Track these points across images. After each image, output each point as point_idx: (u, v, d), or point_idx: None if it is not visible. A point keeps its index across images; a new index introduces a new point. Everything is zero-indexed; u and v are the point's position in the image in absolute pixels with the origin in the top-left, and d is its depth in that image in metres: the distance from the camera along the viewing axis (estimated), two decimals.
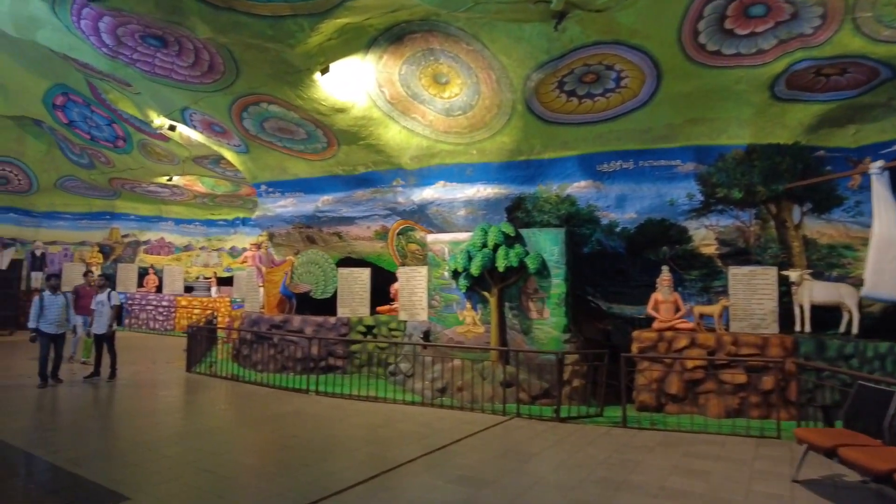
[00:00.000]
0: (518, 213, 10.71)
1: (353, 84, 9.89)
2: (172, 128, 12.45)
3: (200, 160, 15.99)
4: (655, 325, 9.16)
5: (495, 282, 9.86)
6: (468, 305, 10.26)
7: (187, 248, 22.87)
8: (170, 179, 18.20)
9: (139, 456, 5.88)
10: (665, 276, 9.38)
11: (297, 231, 13.89)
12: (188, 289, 21.65)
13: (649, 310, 9.31)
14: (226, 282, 22.00)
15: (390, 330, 11.61)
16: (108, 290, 10.69)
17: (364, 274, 12.23)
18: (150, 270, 21.43)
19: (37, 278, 19.59)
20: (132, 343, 15.52)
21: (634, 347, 9.01)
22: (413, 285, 11.23)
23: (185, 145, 14.36)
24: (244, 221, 22.90)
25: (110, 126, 16.07)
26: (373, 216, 12.79)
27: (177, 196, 20.86)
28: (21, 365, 11.48)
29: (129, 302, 20.61)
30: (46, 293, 9.57)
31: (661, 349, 8.88)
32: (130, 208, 22.27)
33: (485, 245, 9.84)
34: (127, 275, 21.31)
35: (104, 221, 22.28)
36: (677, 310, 9.18)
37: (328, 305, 12.81)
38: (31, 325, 9.48)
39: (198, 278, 21.98)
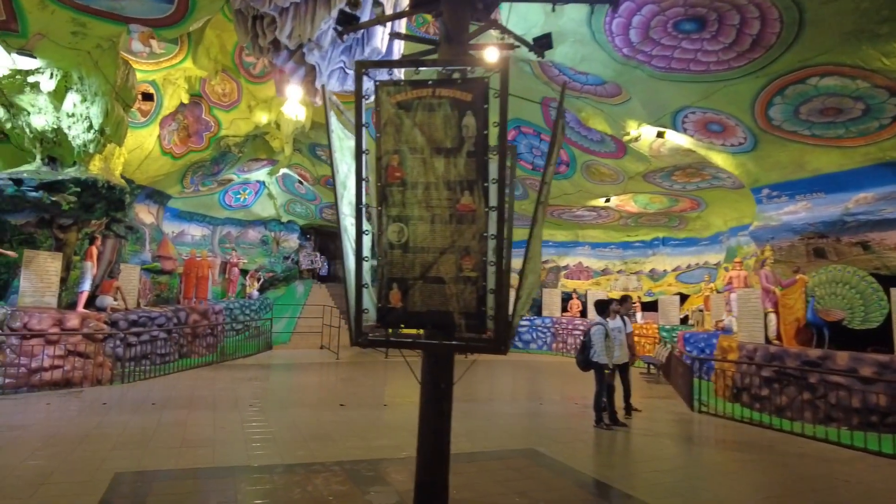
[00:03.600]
0: None
1: None
2: (661, 134, 11.25)
3: (652, 175, 14.67)
4: None
5: None
6: None
7: (604, 271, 22.19)
8: (607, 200, 17.51)
9: None
10: None
11: (804, 243, 11.10)
12: None
13: None
14: (649, 307, 20.45)
15: None
16: (622, 315, 9.66)
17: None
18: (574, 295, 21.30)
19: None
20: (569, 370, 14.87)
21: None
22: None
23: (651, 156, 13.12)
24: (664, 241, 21.11)
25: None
26: None
27: (600, 219, 20.29)
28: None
29: (556, 326, 20.75)
30: (608, 320, 8.85)
31: None
32: (548, 235, 22.73)
33: None
34: (552, 299, 21.62)
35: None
36: None
37: (866, 338, 9.65)
38: (598, 359, 8.63)
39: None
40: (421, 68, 3.84)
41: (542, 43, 4.93)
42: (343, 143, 4.45)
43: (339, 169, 4.23)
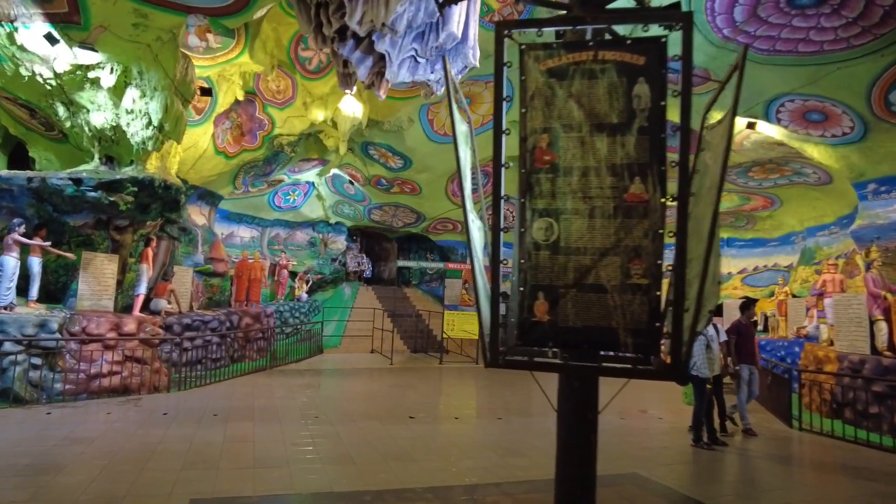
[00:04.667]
0: None
1: None
2: (752, 125, 10.30)
3: (727, 171, 13.65)
4: None
5: None
6: None
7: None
8: (674, 200, 16.47)
9: None
10: None
11: None
12: None
13: None
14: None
15: None
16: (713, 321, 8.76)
17: None
18: None
19: None
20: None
21: None
22: None
23: (732, 150, 12.14)
24: (728, 242, 19.93)
25: None
26: None
27: None
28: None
29: None
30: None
31: None
32: None
33: None
34: None
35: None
36: None
37: None
38: (699, 372, 7.74)
39: None
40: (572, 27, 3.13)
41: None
42: (458, 129, 3.78)
43: (459, 158, 3.56)
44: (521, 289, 3.08)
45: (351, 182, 19.34)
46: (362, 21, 6.85)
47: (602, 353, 3.17)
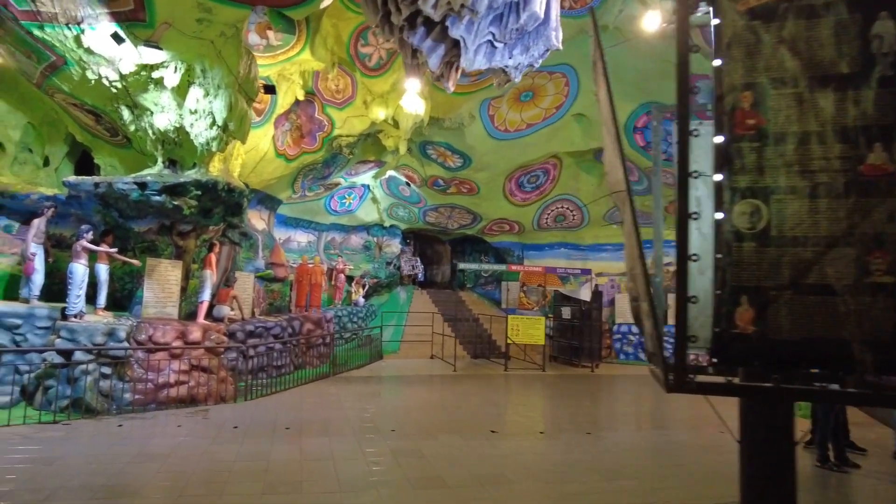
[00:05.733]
0: None
1: None
2: None
3: None
4: None
5: None
6: None
7: None
8: None
9: None
10: None
11: None
12: None
13: None
14: None
15: None
16: None
17: None
18: None
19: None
20: None
21: None
22: None
23: None
24: None
25: None
26: None
27: None
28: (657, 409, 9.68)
29: None
30: None
31: None
32: (673, 234, 20.64)
33: None
34: None
35: (646, 251, 21.23)
36: None
37: None
38: None
39: None
40: None
41: None
42: (602, 95, 3.12)
43: (610, 119, 2.91)
44: (718, 292, 2.40)
45: (408, 184, 18.90)
46: (437, 4, 6.29)
47: (812, 370, 2.47)
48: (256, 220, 14.55)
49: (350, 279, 19.42)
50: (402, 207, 20.95)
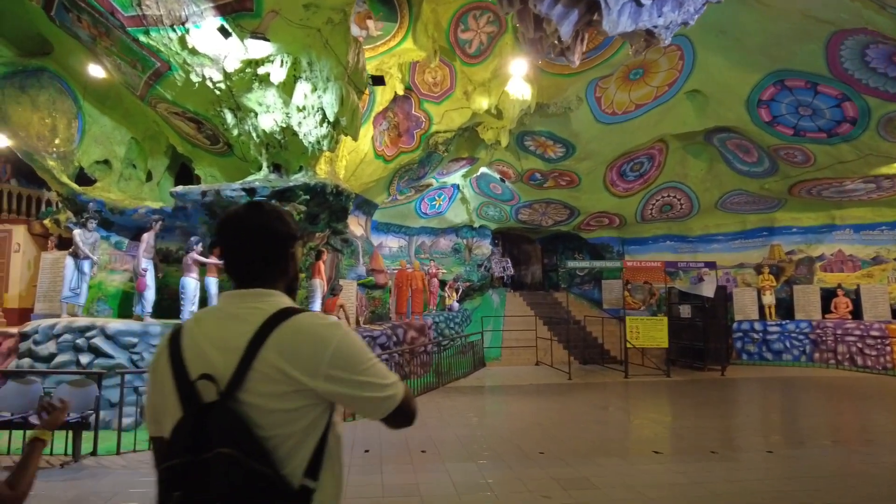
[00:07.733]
0: None
1: None
2: None
3: None
4: None
5: None
6: None
7: (876, 259, 17.55)
8: None
9: None
10: None
11: None
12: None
13: None
14: None
15: None
16: None
17: None
18: (839, 292, 17.02)
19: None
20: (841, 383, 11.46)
21: None
22: None
23: None
24: None
25: (837, 108, 12.47)
26: None
27: (876, 192, 15.91)
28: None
29: (818, 331, 16.69)
30: None
31: None
32: (791, 220, 18.61)
33: None
34: (806, 298, 17.51)
35: (761, 239, 19.33)
36: None
37: None
38: None
39: None
40: None
41: None
42: None
43: None
44: None
45: (502, 180, 17.92)
46: None
47: None
48: (354, 225, 13.99)
49: (443, 283, 18.66)
50: (492, 206, 20.01)
